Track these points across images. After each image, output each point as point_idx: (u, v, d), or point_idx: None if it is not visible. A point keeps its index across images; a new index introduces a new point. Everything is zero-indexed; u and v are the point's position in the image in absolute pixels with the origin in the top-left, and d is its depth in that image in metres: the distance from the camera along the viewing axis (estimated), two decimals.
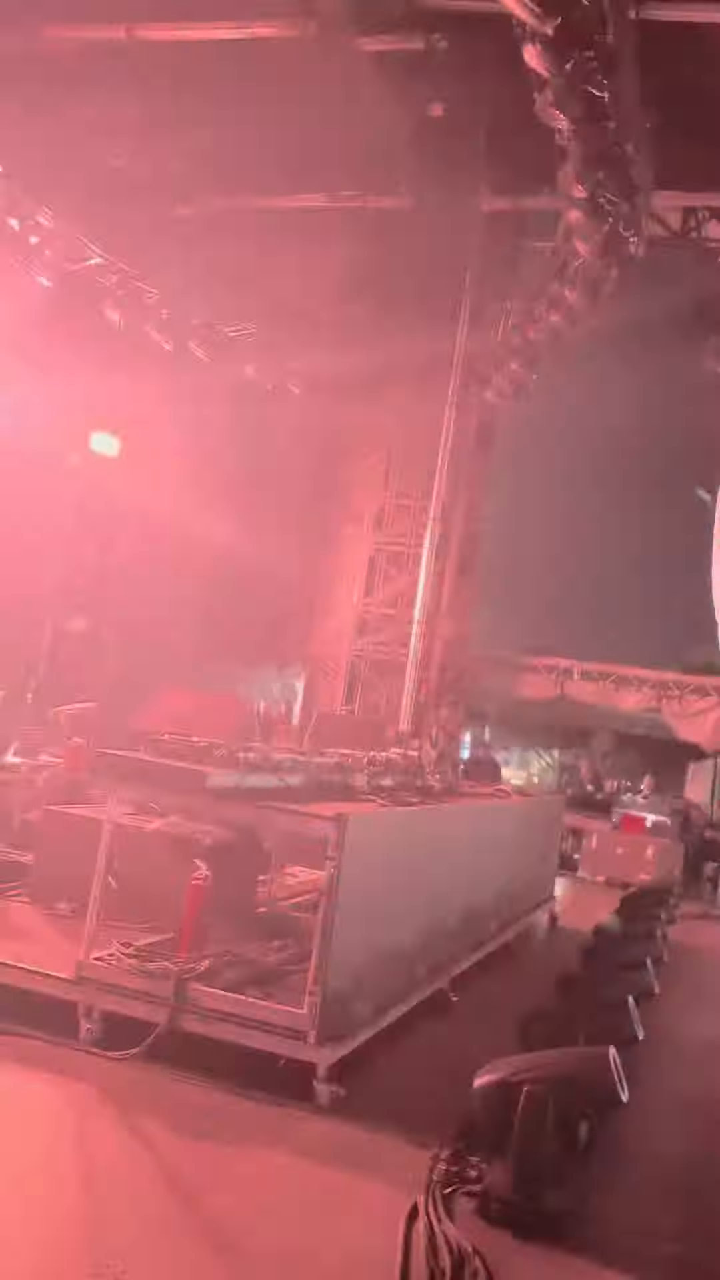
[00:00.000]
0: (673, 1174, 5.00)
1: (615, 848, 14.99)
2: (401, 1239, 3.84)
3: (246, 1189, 4.14)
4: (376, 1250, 3.81)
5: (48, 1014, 5.29)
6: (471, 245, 15.14)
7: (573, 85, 9.13)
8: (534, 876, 10.35)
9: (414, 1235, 3.88)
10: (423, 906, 6.62)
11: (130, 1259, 3.51)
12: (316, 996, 5.02)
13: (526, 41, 8.87)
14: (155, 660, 13.89)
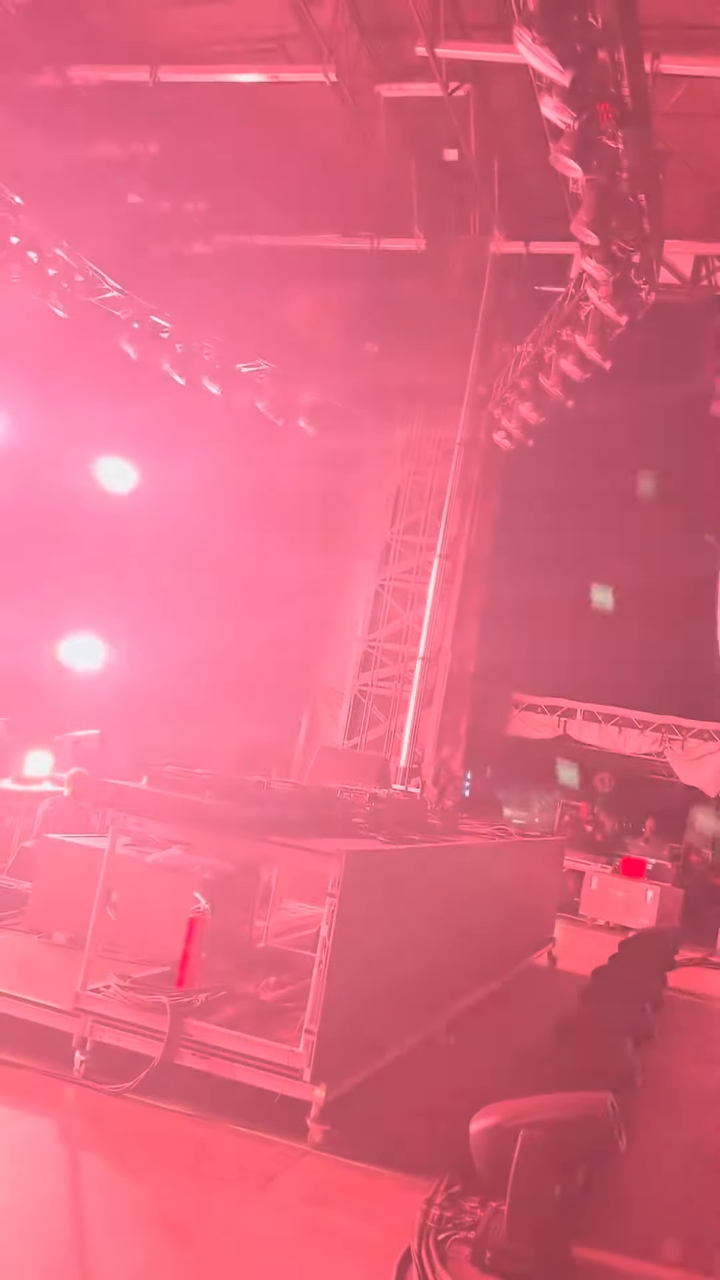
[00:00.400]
0: (671, 1221, 4.94)
1: (615, 891, 14.88)
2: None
3: (238, 1228, 4.09)
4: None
5: (42, 1044, 5.25)
6: (483, 288, 15.32)
7: (587, 135, 9.26)
8: (533, 917, 10.29)
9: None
10: (421, 946, 6.57)
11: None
12: (313, 1034, 4.98)
13: (543, 91, 9.01)
14: (162, 690, 13.89)
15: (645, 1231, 4.72)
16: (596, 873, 15.29)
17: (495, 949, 8.56)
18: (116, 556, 14.33)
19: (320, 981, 5.02)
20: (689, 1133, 6.25)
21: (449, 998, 7.15)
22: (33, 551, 12.99)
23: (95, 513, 14.14)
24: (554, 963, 10.78)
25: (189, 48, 12.34)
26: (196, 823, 5.57)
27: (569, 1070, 5.24)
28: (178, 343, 13.56)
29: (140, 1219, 4.06)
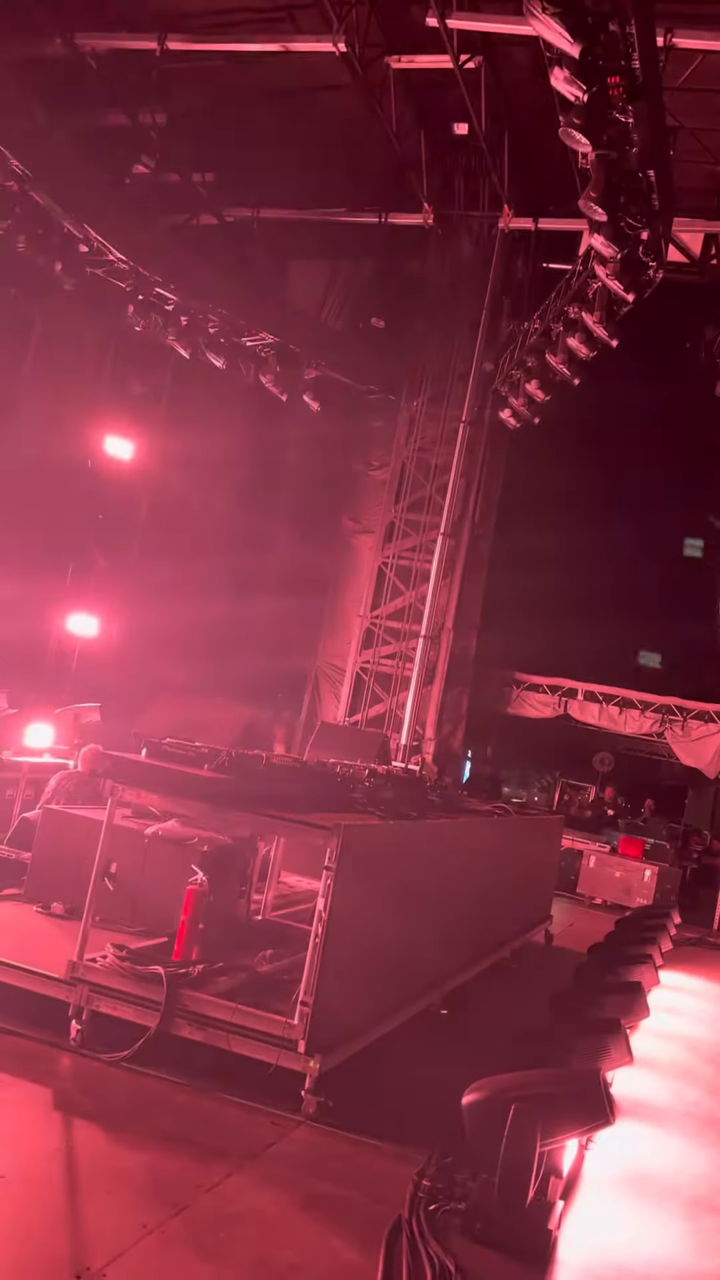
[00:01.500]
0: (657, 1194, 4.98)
1: (613, 870, 14.95)
2: (384, 1255, 3.82)
3: (231, 1197, 4.13)
4: (359, 1265, 3.79)
5: (39, 1013, 5.29)
6: (491, 264, 15.22)
7: (597, 109, 9.16)
8: (531, 895, 10.33)
9: (397, 1251, 3.86)
10: (418, 921, 6.61)
11: (113, 1264, 3.50)
12: (308, 1006, 5.01)
13: (553, 64, 8.91)
14: (162, 664, 13.91)
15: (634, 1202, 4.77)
16: (594, 851, 15.35)
17: (492, 926, 8.60)
18: (117, 530, 14.33)
19: (315, 955, 5.05)
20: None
21: (444, 973, 7.19)
22: (33, 524, 12.99)
23: (95, 487, 14.11)
24: (550, 940, 10.83)
25: (198, 17, 12.19)
26: (194, 796, 5.58)
27: (562, 1045, 5.28)
28: (182, 315, 13.46)
29: (134, 1186, 4.09)
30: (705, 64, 11.45)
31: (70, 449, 13.66)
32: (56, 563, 13.66)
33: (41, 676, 13.35)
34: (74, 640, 13.90)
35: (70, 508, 13.70)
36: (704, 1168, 5.41)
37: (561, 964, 9.46)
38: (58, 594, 13.75)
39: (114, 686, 13.49)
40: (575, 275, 13.28)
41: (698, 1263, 4.38)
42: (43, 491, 13.11)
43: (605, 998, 6.59)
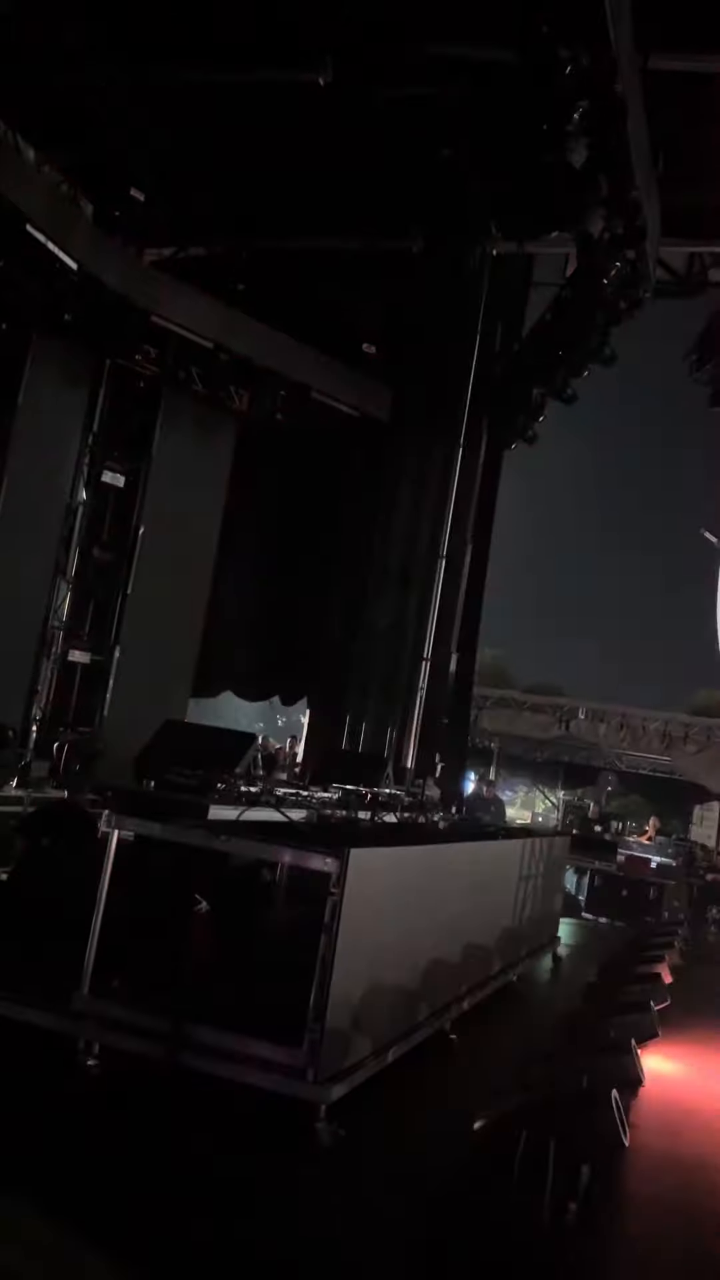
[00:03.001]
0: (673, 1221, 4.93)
1: (620, 889, 14.87)
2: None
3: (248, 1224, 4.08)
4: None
5: (43, 1047, 5.24)
6: (481, 287, 15.31)
7: (582, 132, 9.29)
8: (538, 916, 10.27)
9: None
10: (425, 945, 6.57)
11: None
12: (316, 1034, 4.97)
13: (539, 89, 9.04)
14: (159, 691, 13.91)
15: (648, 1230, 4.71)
16: (601, 871, 15.28)
17: (500, 947, 8.55)
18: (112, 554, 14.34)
19: (323, 981, 5.01)
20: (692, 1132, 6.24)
21: (453, 997, 7.14)
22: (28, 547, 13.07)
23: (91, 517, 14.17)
24: (559, 962, 10.76)
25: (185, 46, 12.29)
26: (198, 825, 5.56)
27: (573, 1068, 5.23)
28: (183, 355, 13.63)
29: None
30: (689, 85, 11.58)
31: (63, 478, 13.74)
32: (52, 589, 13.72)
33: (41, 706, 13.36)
34: (72, 668, 13.91)
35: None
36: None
37: (570, 985, 9.40)
38: (54, 621, 13.79)
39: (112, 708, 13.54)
40: (565, 294, 13.41)
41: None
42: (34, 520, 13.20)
43: (614, 1018, 6.54)
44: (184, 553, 14.86)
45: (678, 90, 11.51)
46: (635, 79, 9.80)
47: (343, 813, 7.55)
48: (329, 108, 12.28)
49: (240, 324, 14.18)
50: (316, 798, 7.74)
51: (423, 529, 14.93)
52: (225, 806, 6.10)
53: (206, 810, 5.97)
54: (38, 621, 13.53)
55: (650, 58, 10.49)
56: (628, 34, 9.24)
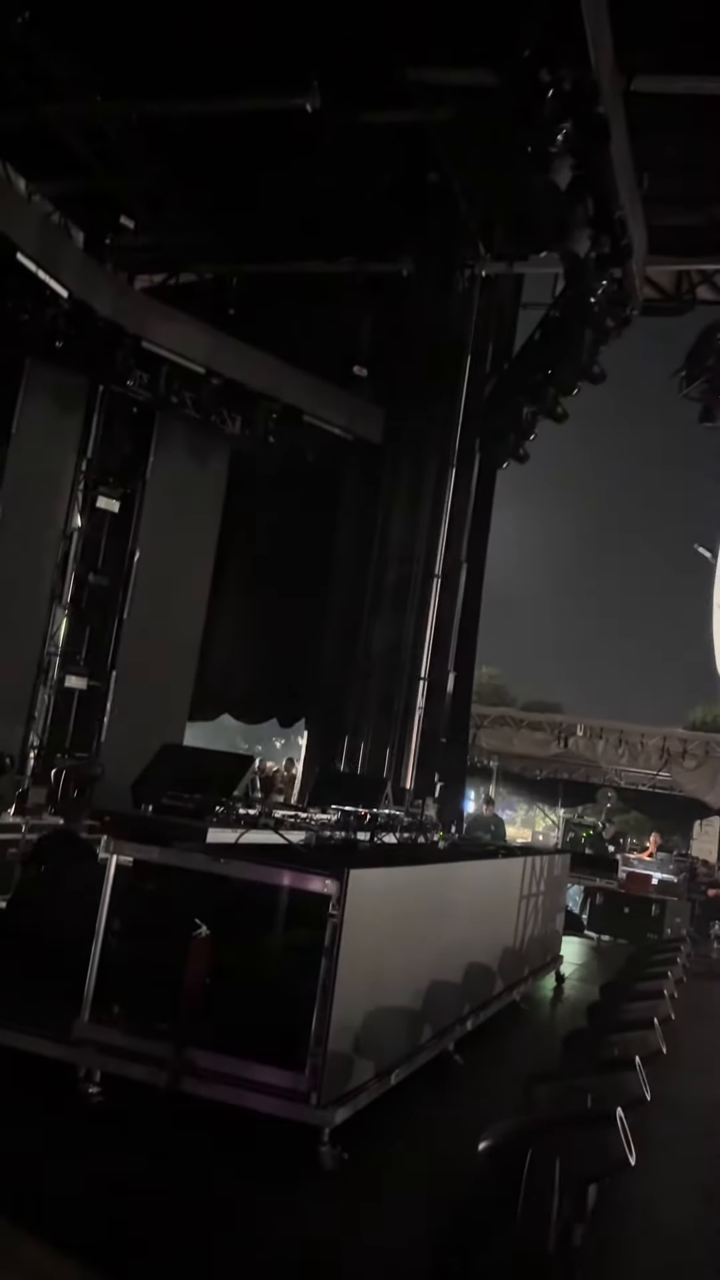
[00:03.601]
0: (683, 1241, 4.89)
1: (621, 906, 14.81)
2: None
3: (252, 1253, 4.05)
4: None
5: (44, 1076, 5.21)
6: (470, 308, 15.40)
7: (566, 153, 9.38)
8: (540, 935, 10.23)
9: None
10: (427, 966, 6.54)
11: None
12: (319, 1058, 4.95)
13: (522, 111, 9.14)
14: (157, 715, 13.89)
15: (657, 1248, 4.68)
16: (602, 888, 15.23)
17: (502, 967, 8.51)
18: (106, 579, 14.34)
19: (325, 1004, 4.99)
20: (698, 1146, 6.20)
21: (456, 1017, 7.11)
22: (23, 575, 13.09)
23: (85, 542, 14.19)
24: (562, 981, 10.72)
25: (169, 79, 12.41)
26: (196, 849, 5.55)
27: (577, 1086, 5.19)
28: (175, 380, 13.70)
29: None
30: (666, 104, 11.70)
31: (58, 504, 13.78)
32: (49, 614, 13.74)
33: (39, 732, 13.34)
34: (69, 694, 13.90)
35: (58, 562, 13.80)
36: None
37: (574, 1004, 9.37)
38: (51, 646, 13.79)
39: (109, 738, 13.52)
40: (554, 313, 13.50)
41: None
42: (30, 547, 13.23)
43: (618, 1035, 6.50)
44: (180, 576, 14.89)
45: (660, 110, 11.64)
46: (618, 100, 9.91)
47: (342, 834, 7.54)
48: (316, 133, 12.39)
49: (231, 348, 14.26)
50: (315, 820, 7.72)
51: (417, 549, 14.94)
52: (223, 829, 6.08)
53: (205, 833, 5.95)
54: (35, 648, 13.54)
55: (633, 79, 10.61)
56: (609, 57, 9.35)
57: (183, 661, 15.03)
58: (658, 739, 18.28)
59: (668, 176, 12.74)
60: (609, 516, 41.66)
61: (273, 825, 6.51)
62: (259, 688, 16.57)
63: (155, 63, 12.11)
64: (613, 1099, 4.65)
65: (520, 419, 14.44)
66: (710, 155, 12.67)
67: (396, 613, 14.88)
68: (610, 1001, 7.87)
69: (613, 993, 8.24)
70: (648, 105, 11.27)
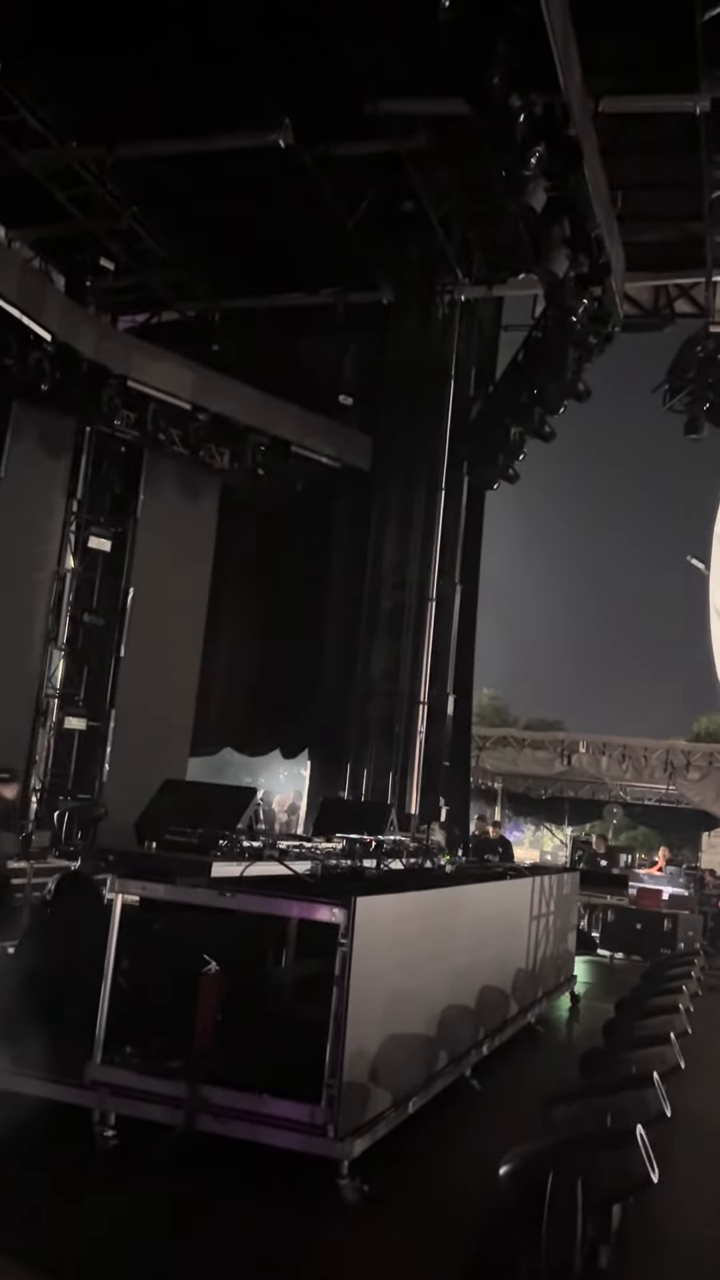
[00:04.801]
0: (708, 1256, 4.83)
1: (633, 922, 14.71)
2: None
3: None
4: None
5: (58, 1121, 5.15)
6: (451, 333, 15.52)
7: (540, 175, 9.49)
8: (553, 956, 10.16)
9: None
10: (439, 992, 6.49)
11: None
12: (334, 1089, 4.89)
13: (494, 137, 9.25)
14: (158, 752, 13.86)
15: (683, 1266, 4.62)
16: (613, 905, 15.13)
17: (516, 990, 8.44)
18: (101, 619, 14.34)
19: (338, 1034, 4.94)
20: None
21: (472, 1042, 7.04)
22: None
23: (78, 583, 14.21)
24: (577, 1000, 10.64)
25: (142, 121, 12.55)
26: (201, 884, 5.52)
27: (596, 1105, 5.14)
28: (162, 418, 13.77)
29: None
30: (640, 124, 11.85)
31: (50, 545, 13.81)
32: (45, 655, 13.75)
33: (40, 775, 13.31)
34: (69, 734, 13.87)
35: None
36: None
37: (590, 1024, 9.29)
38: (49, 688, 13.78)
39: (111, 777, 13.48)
40: (535, 335, 13.60)
41: None
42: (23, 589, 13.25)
43: (635, 1052, 6.44)
44: (175, 612, 14.90)
45: (630, 129, 11.79)
46: (588, 122, 10.02)
47: (348, 862, 7.49)
48: (291, 167, 12.52)
49: (217, 384, 14.35)
50: (320, 849, 7.67)
51: (411, 574, 14.96)
52: (228, 863, 6.05)
53: (209, 868, 5.92)
54: (32, 690, 13.53)
55: (600, 101, 10.74)
56: (578, 80, 9.47)
57: (182, 697, 15.01)
58: (661, 752, 18.24)
59: (641, 194, 12.88)
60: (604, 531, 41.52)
61: (277, 856, 6.48)
62: (259, 720, 16.54)
63: (128, 106, 12.28)
64: (633, 1117, 4.61)
65: (508, 439, 14.52)
66: (681, 171, 12.81)
67: (393, 638, 14.88)
68: (626, 1019, 7.81)
69: (628, 1010, 8.17)
70: (618, 125, 11.43)
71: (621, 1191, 4.18)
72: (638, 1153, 4.09)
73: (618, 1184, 4.13)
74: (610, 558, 38.03)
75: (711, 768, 18.12)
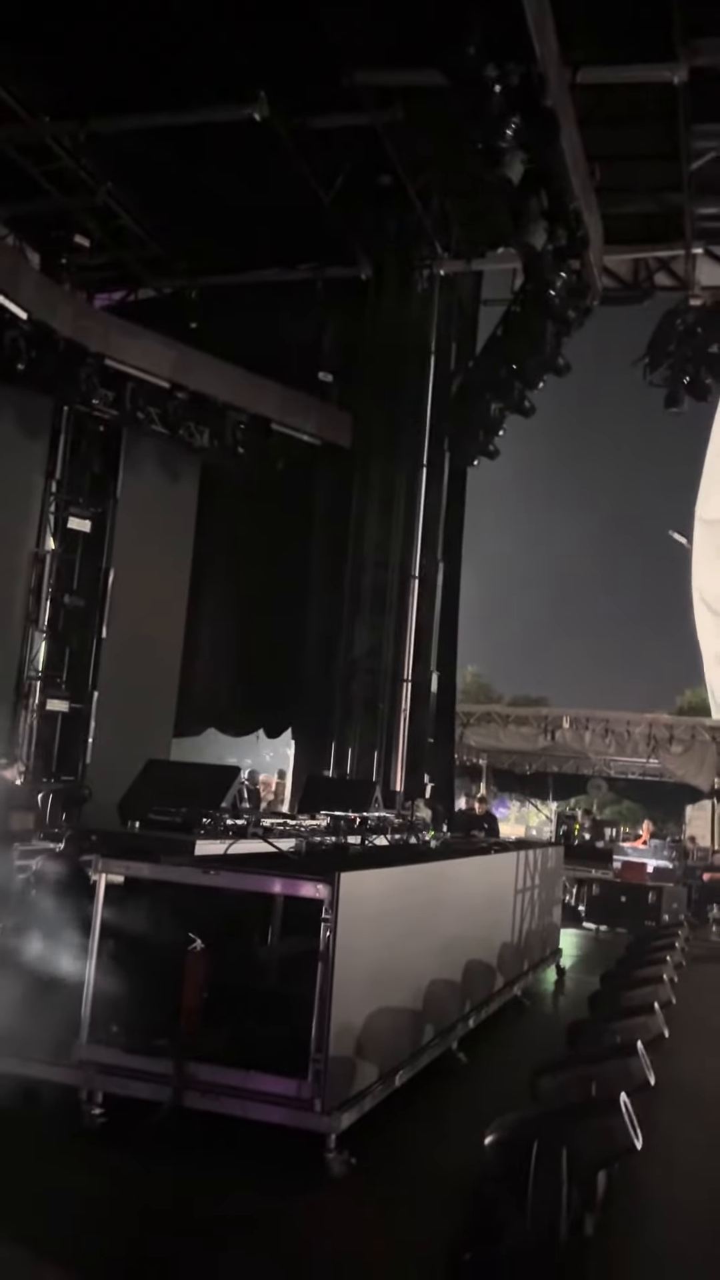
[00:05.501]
0: (691, 1224, 4.88)
1: (618, 895, 14.81)
2: None
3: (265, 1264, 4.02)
4: None
5: (46, 1099, 5.16)
6: (431, 308, 15.44)
7: (517, 147, 9.41)
8: (538, 929, 10.22)
9: None
10: (425, 966, 6.52)
11: None
12: (320, 1064, 4.91)
13: (470, 108, 9.17)
14: (141, 734, 13.82)
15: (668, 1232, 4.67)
16: (598, 879, 15.24)
17: (502, 963, 8.49)
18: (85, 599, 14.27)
19: (323, 1009, 4.95)
20: (704, 1130, 6.21)
21: (458, 1015, 7.09)
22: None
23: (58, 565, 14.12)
24: (563, 972, 10.71)
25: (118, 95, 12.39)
26: (186, 863, 5.51)
27: (581, 1075, 5.18)
28: (141, 397, 13.66)
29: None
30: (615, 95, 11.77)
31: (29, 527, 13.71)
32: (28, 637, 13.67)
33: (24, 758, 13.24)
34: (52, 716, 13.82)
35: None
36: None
37: (576, 996, 9.36)
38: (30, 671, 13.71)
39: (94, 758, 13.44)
40: (515, 309, 13.55)
41: None
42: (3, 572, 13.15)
43: (620, 1022, 6.50)
44: (157, 593, 14.82)
45: (607, 100, 11.72)
46: (564, 93, 9.94)
47: (332, 839, 7.51)
48: (268, 141, 12.40)
49: (195, 361, 14.23)
50: (305, 826, 7.69)
51: (393, 551, 14.93)
52: (212, 841, 6.05)
53: (193, 846, 5.92)
54: (13, 673, 13.45)
55: (578, 72, 10.66)
56: (554, 50, 9.38)
57: (164, 678, 14.96)
58: (644, 726, 18.30)
59: (619, 165, 12.80)
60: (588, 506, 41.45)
61: (261, 834, 6.48)
62: (243, 699, 16.50)
63: (101, 80, 12.12)
64: (617, 1085, 4.65)
65: (488, 415, 14.47)
66: (659, 142, 12.75)
67: (376, 616, 14.86)
68: (611, 990, 7.87)
69: (613, 981, 8.24)
70: (595, 95, 11.34)
71: (605, 1158, 4.21)
72: (621, 1121, 4.13)
73: (602, 1151, 4.16)
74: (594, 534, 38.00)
75: (695, 741, 18.22)
